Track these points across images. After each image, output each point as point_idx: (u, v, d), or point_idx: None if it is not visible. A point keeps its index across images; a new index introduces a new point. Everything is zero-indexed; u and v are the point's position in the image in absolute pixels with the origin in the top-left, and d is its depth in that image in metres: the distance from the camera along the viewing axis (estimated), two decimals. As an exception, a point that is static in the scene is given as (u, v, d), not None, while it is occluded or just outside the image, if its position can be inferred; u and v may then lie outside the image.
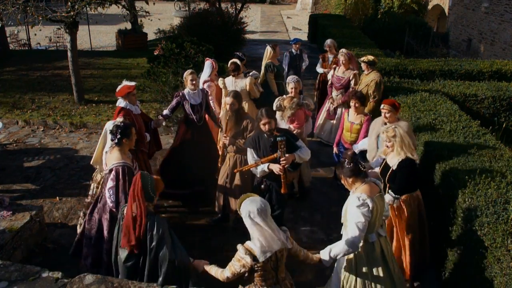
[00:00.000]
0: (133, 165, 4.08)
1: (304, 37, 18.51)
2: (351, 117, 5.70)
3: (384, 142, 4.25)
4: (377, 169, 4.42)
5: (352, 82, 7.00)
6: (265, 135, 4.33)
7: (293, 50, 8.46)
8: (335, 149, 6.05)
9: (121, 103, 5.09)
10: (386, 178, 4.22)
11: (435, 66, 8.61)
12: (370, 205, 3.23)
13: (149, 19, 13.92)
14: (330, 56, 8.27)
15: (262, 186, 4.53)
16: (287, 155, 4.18)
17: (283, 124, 5.61)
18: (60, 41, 15.81)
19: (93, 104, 9.42)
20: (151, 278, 3.31)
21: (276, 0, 35.14)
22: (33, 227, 4.75)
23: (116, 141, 3.94)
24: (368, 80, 6.53)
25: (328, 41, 8.28)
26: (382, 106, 4.89)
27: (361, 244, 3.33)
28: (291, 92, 5.80)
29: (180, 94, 5.78)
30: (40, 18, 7.91)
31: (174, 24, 17.08)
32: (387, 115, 4.83)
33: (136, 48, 14.66)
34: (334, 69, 7.36)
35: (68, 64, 9.29)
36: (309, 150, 4.42)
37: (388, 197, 4.15)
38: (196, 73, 5.86)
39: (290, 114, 5.55)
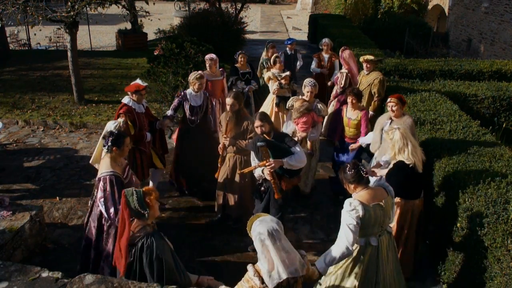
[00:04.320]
0: (124, 173, 3.92)
1: (304, 37, 18.51)
2: (349, 113, 5.73)
3: (385, 143, 4.29)
4: (385, 170, 4.38)
5: (339, 80, 7.17)
6: (259, 138, 4.35)
7: (287, 50, 8.47)
8: (336, 143, 5.98)
9: (125, 99, 5.13)
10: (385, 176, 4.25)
11: (435, 66, 8.61)
12: (361, 213, 3.20)
13: (149, 19, 13.90)
14: (326, 56, 8.29)
15: (262, 188, 4.54)
16: (272, 160, 4.16)
17: (291, 124, 5.67)
18: (60, 41, 15.79)
19: (93, 104, 9.42)
20: None
21: (276, 0, 35.14)
22: (33, 227, 4.75)
23: (106, 147, 3.87)
24: (371, 79, 6.61)
25: (326, 40, 8.30)
26: (388, 100, 4.93)
27: (355, 247, 3.32)
28: (307, 96, 5.73)
29: (182, 94, 5.82)
30: (40, 18, 7.91)
31: (174, 24, 17.07)
32: (394, 108, 4.88)
33: (136, 48, 14.65)
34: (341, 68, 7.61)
35: (68, 64, 9.29)
36: (304, 157, 4.28)
37: None
38: (203, 78, 5.88)
39: (296, 116, 5.56)
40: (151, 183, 5.74)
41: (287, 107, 5.92)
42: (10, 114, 8.86)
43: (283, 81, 6.68)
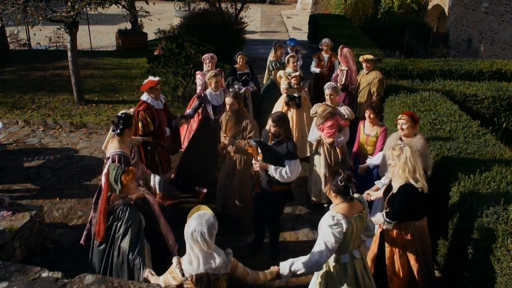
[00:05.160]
0: (131, 155, 4.27)
1: (304, 37, 18.50)
2: (367, 129, 5.25)
3: (388, 160, 3.88)
4: (382, 190, 4.07)
5: (339, 77, 7.20)
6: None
7: (289, 50, 8.48)
8: (351, 163, 5.58)
9: (144, 96, 5.29)
10: (386, 199, 3.88)
11: (435, 66, 8.62)
12: (344, 227, 3.05)
13: (149, 19, 13.90)
14: (326, 56, 8.31)
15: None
16: (259, 159, 4.24)
17: (316, 131, 5.53)
18: (60, 41, 15.80)
19: (93, 104, 9.42)
20: (119, 265, 3.60)
21: (276, 0, 35.14)
22: (33, 227, 4.75)
23: (118, 131, 4.19)
24: (370, 78, 6.68)
25: (326, 40, 8.31)
26: (399, 116, 4.49)
27: (333, 265, 3.24)
28: (327, 100, 5.53)
29: (202, 95, 5.87)
30: (40, 18, 7.91)
31: (174, 24, 17.08)
32: (404, 126, 4.40)
33: (136, 48, 14.66)
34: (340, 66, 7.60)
35: (68, 64, 9.29)
36: (289, 176, 4.18)
37: (379, 217, 3.87)
38: (219, 75, 5.95)
39: (320, 122, 5.40)
40: (156, 182, 5.80)
41: (311, 114, 5.77)
42: (10, 114, 8.85)
43: (293, 81, 6.64)
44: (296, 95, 6.67)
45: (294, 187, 5.02)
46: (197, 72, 6.76)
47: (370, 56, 6.75)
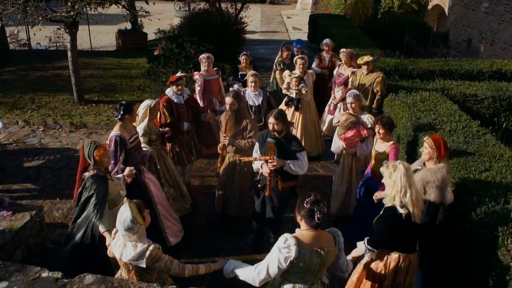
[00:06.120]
0: (130, 138, 4.54)
1: (304, 37, 18.50)
2: (377, 145, 4.82)
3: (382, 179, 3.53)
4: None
5: (350, 79, 7.16)
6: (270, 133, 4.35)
7: (294, 51, 8.47)
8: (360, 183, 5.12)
9: (168, 90, 5.64)
10: (374, 221, 3.53)
11: (435, 66, 8.61)
12: (293, 255, 2.76)
13: (149, 19, 13.91)
14: (327, 56, 8.32)
15: (259, 185, 4.55)
16: (276, 159, 4.17)
17: (338, 141, 5.36)
18: (60, 41, 15.80)
19: (93, 104, 9.42)
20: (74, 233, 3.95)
21: (276, 0, 35.12)
22: (33, 227, 4.76)
23: (119, 117, 4.52)
24: (371, 78, 6.71)
25: (327, 41, 8.33)
26: (426, 138, 4.06)
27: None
28: (349, 108, 5.38)
29: (242, 91, 5.96)
30: (40, 18, 7.91)
31: (174, 24, 17.07)
32: (425, 154, 3.95)
33: (136, 48, 14.66)
34: (339, 66, 7.61)
35: (68, 64, 9.29)
36: (306, 166, 4.22)
37: (361, 246, 3.52)
38: (258, 75, 6.07)
39: (342, 132, 5.23)
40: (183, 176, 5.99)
41: (334, 124, 5.68)
42: (10, 114, 8.86)
43: (292, 81, 6.61)
44: (294, 96, 6.66)
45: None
46: (195, 72, 6.77)
47: (369, 58, 6.72)
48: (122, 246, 3.05)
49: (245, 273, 3.04)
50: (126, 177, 4.29)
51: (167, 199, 5.03)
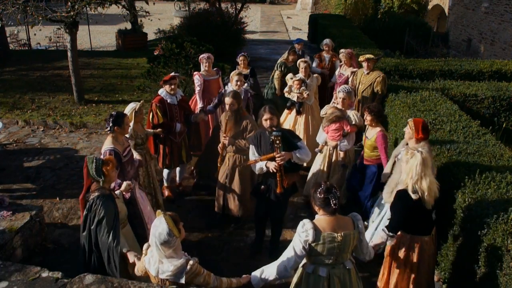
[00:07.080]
0: (124, 152, 4.36)
1: (304, 37, 18.49)
2: (367, 131, 5.11)
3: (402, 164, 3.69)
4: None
5: (350, 79, 7.17)
6: (267, 132, 4.34)
7: (296, 50, 8.45)
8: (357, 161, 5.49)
9: (160, 90, 5.55)
10: (390, 206, 3.78)
11: (435, 66, 8.61)
12: (310, 238, 2.95)
13: (149, 19, 13.91)
14: (327, 56, 8.32)
15: (262, 187, 4.53)
16: (283, 152, 4.17)
17: (323, 133, 5.53)
18: (60, 41, 15.79)
19: (93, 104, 9.42)
20: (98, 259, 3.57)
21: (276, 0, 35.12)
22: (33, 227, 4.75)
23: (108, 128, 4.32)
24: (372, 78, 6.72)
25: (327, 41, 8.33)
26: (409, 119, 4.26)
27: (309, 273, 3.12)
28: (339, 102, 5.50)
29: (222, 91, 5.98)
30: (40, 18, 7.91)
31: (174, 24, 17.05)
32: (406, 133, 4.22)
33: (136, 48, 14.65)
34: (340, 66, 7.63)
35: (68, 64, 9.30)
36: (309, 152, 4.35)
37: (382, 234, 3.65)
38: (241, 74, 6.09)
39: (326, 124, 5.41)
40: (177, 177, 6.03)
41: (321, 114, 5.79)
42: (10, 114, 8.86)
43: (294, 84, 6.57)
44: (295, 99, 6.63)
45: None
46: (195, 72, 6.76)
47: (370, 56, 6.78)
48: (158, 262, 2.89)
49: (273, 269, 3.12)
50: (124, 193, 4.05)
51: None
